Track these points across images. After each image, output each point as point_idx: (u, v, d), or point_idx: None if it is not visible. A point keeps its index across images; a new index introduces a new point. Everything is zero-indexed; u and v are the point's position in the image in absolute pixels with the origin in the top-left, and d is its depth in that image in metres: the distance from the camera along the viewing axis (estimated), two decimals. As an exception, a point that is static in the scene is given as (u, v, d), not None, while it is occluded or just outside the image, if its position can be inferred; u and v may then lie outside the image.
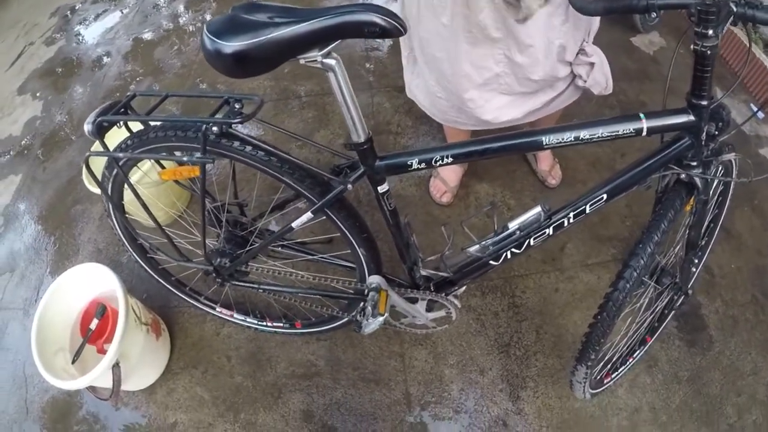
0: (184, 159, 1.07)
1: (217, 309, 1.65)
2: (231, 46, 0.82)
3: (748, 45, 0.91)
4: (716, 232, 1.54)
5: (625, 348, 1.55)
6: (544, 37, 1.31)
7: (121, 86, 2.62)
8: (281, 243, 1.39)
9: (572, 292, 1.18)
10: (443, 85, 1.49)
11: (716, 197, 1.43)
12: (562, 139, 0.98)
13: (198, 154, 1.01)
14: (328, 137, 2.12)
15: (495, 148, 1.00)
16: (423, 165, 1.02)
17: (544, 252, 1.84)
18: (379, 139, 2.08)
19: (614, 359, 1.53)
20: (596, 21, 1.42)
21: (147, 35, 2.90)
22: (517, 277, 1.77)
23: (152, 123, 1.11)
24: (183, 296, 1.64)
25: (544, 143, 0.98)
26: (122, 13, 3.14)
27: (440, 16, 1.32)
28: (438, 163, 1.02)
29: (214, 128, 0.99)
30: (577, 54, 1.40)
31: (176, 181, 1.39)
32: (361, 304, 1.28)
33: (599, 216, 1.95)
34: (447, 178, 1.92)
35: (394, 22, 0.80)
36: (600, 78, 1.43)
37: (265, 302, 1.70)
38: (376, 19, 0.80)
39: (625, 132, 0.97)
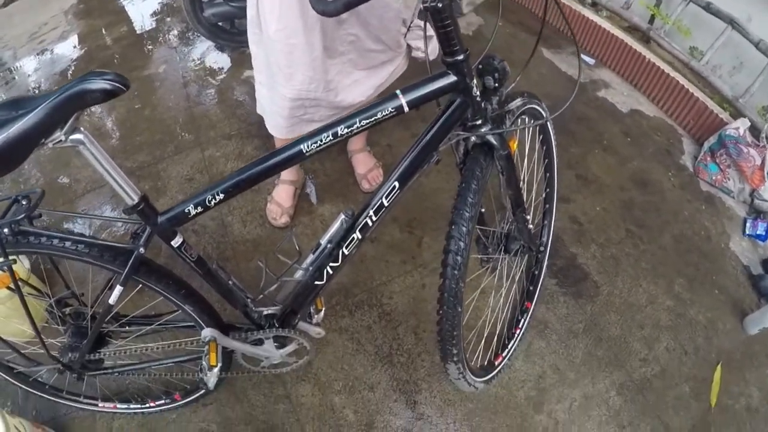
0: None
1: (100, 404, 1.50)
2: None
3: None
4: (555, 180, 1.46)
5: (505, 323, 1.46)
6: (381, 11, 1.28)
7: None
8: (125, 321, 1.26)
9: (439, 283, 1.08)
10: (302, 75, 1.36)
11: (543, 146, 1.36)
12: (321, 140, 0.88)
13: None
14: (168, 203, 1.93)
15: (259, 171, 0.91)
16: (200, 209, 0.93)
17: (402, 252, 1.73)
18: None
19: (498, 338, 1.44)
20: None
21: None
22: (380, 285, 1.65)
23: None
24: (63, 401, 1.49)
25: (304, 151, 0.88)
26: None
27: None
28: (212, 202, 0.92)
29: (6, 230, 0.93)
30: (411, 29, 1.39)
31: (9, 287, 1.28)
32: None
33: (451, 199, 1.85)
34: (281, 200, 1.80)
35: (116, 84, 0.74)
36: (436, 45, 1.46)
37: (143, 386, 1.53)
38: (102, 84, 0.73)
39: (384, 114, 0.88)
